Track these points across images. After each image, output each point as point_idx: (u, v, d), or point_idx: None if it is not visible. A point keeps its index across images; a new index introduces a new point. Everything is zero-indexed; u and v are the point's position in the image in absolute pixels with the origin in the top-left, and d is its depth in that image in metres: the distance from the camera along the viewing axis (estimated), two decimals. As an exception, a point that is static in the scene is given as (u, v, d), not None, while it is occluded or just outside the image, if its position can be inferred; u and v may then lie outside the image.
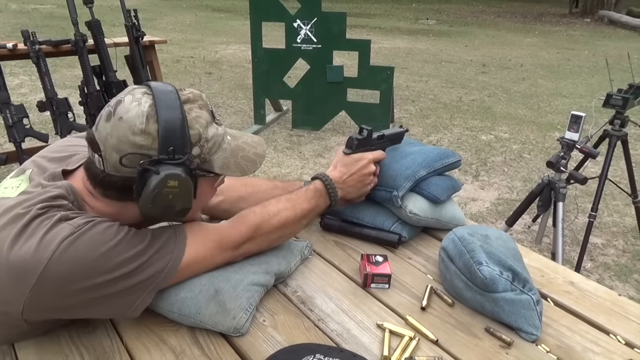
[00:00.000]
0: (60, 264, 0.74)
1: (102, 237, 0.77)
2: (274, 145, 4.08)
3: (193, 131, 0.82)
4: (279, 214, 1.00)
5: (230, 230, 0.95)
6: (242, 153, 0.91)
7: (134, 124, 0.78)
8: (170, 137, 0.78)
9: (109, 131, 0.79)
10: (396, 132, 1.24)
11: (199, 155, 0.84)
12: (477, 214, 3.08)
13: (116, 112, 0.79)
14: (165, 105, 0.79)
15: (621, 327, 0.94)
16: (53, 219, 0.77)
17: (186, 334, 0.89)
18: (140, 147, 0.78)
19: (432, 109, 5.23)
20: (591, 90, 6.15)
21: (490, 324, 0.93)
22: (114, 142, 0.78)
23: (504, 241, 1.03)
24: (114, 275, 0.77)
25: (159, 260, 0.83)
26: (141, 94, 0.81)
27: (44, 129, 3.45)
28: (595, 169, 3.35)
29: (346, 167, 1.12)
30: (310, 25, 3.97)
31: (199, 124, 0.83)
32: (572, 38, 10.74)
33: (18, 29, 2.92)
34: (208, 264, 0.92)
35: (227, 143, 0.89)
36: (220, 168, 0.87)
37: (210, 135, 0.85)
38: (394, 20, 12.62)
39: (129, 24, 2.98)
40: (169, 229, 0.88)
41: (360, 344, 0.88)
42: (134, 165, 0.78)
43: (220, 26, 10.45)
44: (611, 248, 2.75)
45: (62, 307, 0.79)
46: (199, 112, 0.84)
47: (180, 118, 0.79)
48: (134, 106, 0.79)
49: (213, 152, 0.86)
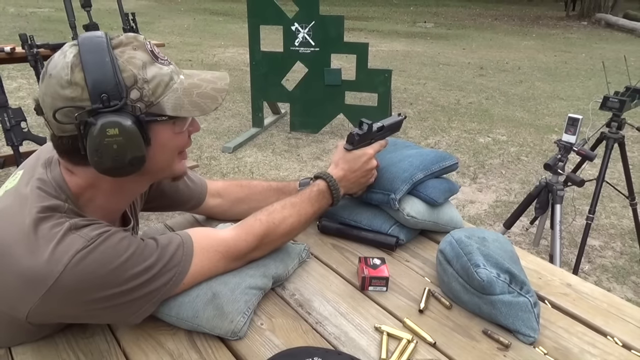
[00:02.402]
0: (72, 276, 0.74)
1: (114, 252, 0.77)
2: (272, 148, 4.08)
3: (125, 73, 0.76)
4: (285, 221, 1.00)
5: (237, 241, 0.94)
6: (198, 90, 0.83)
7: (60, 77, 0.74)
8: (100, 84, 0.74)
9: (44, 91, 0.76)
10: (395, 120, 1.22)
11: (140, 99, 0.78)
12: (475, 216, 3.08)
13: (47, 70, 0.76)
14: (90, 51, 0.74)
15: (618, 329, 0.95)
16: (63, 227, 0.76)
17: (184, 338, 0.89)
18: (71, 99, 0.74)
19: (430, 111, 5.24)
20: (588, 93, 6.17)
21: (488, 326, 0.93)
22: (49, 101, 0.75)
23: (501, 243, 1.03)
24: (123, 288, 0.78)
25: (165, 273, 0.83)
26: (68, 47, 0.77)
27: (41, 132, 3.44)
28: (592, 172, 3.36)
29: (348, 164, 1.10)
30: (308, 28, 3.98)
31: (133, 65, 0.77)
32: (569, 41, 10.78)
33: (16, 32, 2.92)
34: (212, 274, 0.92)
35: (179, 82, 0.82)
36: (173, 109, 0.81)
37: (150, 75, 0.78)
38: (392, 23, 12.65)
39: (127, 27, 2.99)
40: (176, 238, 0.87)
41: (358, 347, 0.88)
42: (72, 120, 0.75)
43: (219, 29, 10.47)
44: (609, 250, 2.75)
45: (69, 315, 0.80)
46: (132, 53, 0.78)
47: (108, 62, 0.74)
48: (60, 59, 0.76)
49: (160, 94, 0.79)
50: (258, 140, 4.25)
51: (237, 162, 3.80)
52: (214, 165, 3.70)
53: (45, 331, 0.87)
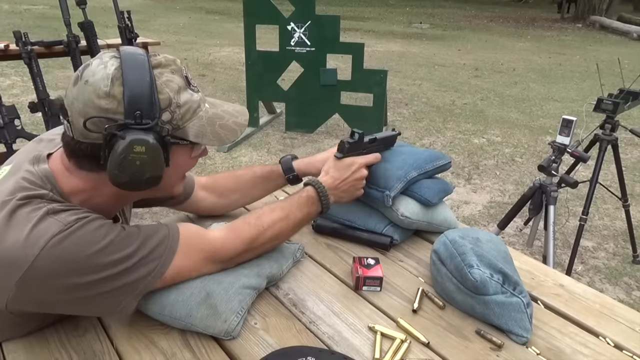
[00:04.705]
0: (47, 260, 0.73)
1: (92, 238, 0.76)
2: (267, 147, 4.08)
3: (162, 96, 0.79)
4: (274, 225, 1.00)
5: (224, 245, 0.94)
6: (221, 121, 0.87)
7: (98, 87, 0.76)
8: (137, 101, 0.75)
9: (75, 95, 0.77)
10: (389, 135, 1.23)
11: (170, 121, 0.81)
12: (470, 217, 3.09)
13: (83, 76, 0.77)
14: (132, 67, 0.76)
15: (610, 329, 0.95)
16: (39, 211, 0.75)
17: (177, 337, 0.88)
18: (105, 110, 0.76)
19: (425, 112, 5.25)
20: (582, 95, 6.20)
21: (481, 326, 0.94)
22: (80, 107, 0.76)
23: (494, 244, 1.03)
24: (99, 276, 0.76)
25: (146, 264, 0.82)
26: (109, 57, 0.79)
27: (35, 130, 3.43)
28: (586, 173, 3.38)
29: (338, 172, 1.11)
30: (304, 28, 3.98)
31: (170, 89, 0.80)
32: (563, 43, 10.83)
33: (10, 29, 2.90)
34: (195, 274, 0.91)
35: (205, 111, 0.86)
36: (196, 136, 0.84)
37: (183, 101, 0.81)
38: (388, 23, 12.66)
39: (122, 25, 2.97)
40: (162, 230, 0.86)
41: (351, 347, 0.88)
42: (99, 130, 0.76)
43: (214, 28, 10.44)
44: (602, 251, 2.77)
45: (46, 302, 0.78)
46: (170, 77, 0.81)
47: (148, 81, 0.77)
48: (100, 69, 0.77)
49: (187, 119, 0.83)
50: (253, 140, 4.25)
51: (232, 161, 3.79)
52: (209, 165, 3.69)
53: (33, 323, 0.86)
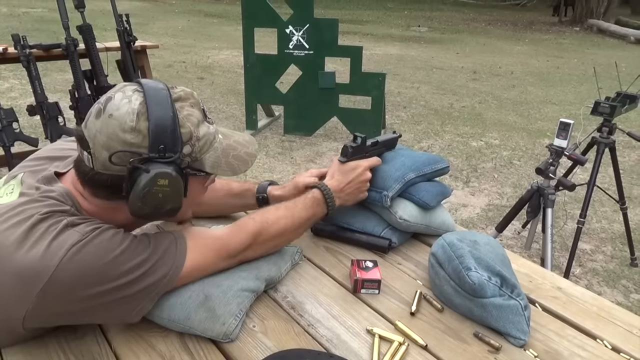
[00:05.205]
0: (68, 270, 0.74)
1: (109, 245, 0.78)
2: (265, 150, 4.08)
3: (184, 129, 0.81)
4: (278, 221, 1.01)
5: (230, 239, 0.95)
6: (234, 152, 0.91)
7: (124, 122, 0.77)
8: (161, 135, 0.78)
9: (98, 128, 0.78)
10: (390, 137, 1.25)
11: (189, 154, 0.83)
12: (468, 219, 3.09)
13: (106, 109, 0.78)
14: (156, 102, 0.78)
15: (608, 332, 0.96)
16: (60, 224, 0.77)
17: (175, 340, 0.88)
18: (130, 144, 0.77)
19: (423, 115, 5.26)
20: (580, 98, 6.21)
21: (479, 329, 0.94)
22: (104, 140, 0.78)
23: (492, 247, 1.04)
24: (119, 282, 0.77)
25: (162, 267, 0.83)
26: (132, 91, 0.80)
27: (33, 133, 3.42)
28: (583, 176, 3.38)
29: (343, 176, 1.13)
30: (302, 31, 3.99)
31: (191, 123, 0.82)
32: (561, 46, 10.87)
33: (8, 32, 2.91)
34: (207, 271, 0.92)
35: (219, 142, 0.88)
36: (212, 167, 0.87)
37: (202, 134, 0.84)
38: (386, 27, 12.69)
39: (120, 28, 2.98)
40: (169, 235, 0.88)
41: (350, 350, 0.88)
42: (123, 163, 0.77)
43: (213, 31, 10.45)
44: (600, 254, 2.77)
45: (66, 313, 0.79)
46: (190, 110, 0.83)
47: (172, 116, 0.79)
48: (125, 103, 0.78)
49: (204, 151, 0.86)
50: (252, 143, 4.24)
51: (230, 164, 3.79)
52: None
53: (37, 332, 0.86)
